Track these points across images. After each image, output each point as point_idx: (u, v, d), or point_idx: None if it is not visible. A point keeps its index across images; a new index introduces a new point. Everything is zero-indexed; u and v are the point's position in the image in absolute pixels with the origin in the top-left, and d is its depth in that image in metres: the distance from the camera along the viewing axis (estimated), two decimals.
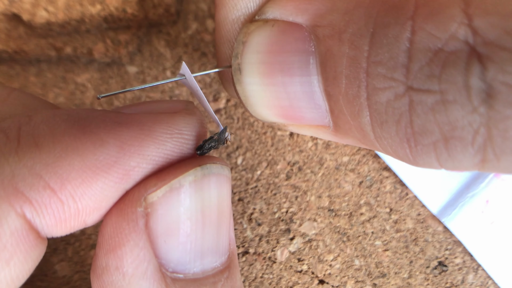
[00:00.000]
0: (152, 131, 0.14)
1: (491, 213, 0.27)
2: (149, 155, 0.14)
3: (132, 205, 0.14)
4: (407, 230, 0.27)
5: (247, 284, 0.26)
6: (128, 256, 0.13)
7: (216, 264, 0.15)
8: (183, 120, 0.15)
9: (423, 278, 0.27)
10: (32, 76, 0.27)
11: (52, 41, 0.27)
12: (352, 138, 0.15)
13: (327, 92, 0.14)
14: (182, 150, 0.15)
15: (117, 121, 0.14)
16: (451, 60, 0.11)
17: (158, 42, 0.27)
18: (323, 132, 0.16)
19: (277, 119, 0.16)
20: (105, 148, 0.13)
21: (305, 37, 0.14)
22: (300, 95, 0.15)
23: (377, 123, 0.13)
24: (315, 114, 0.15)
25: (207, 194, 0.15)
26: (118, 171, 0.13)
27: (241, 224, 0.27)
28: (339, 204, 0.27)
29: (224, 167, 0.16)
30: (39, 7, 0.26)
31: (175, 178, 0.14)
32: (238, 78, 0.16)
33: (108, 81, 0.27)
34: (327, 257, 0.27)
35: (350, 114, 0.13)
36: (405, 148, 0.13)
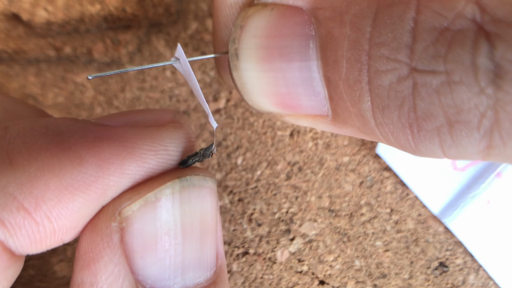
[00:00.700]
0: (135, 148, 0.13)
1: (492, 214, 0.26)
2: (129, 174, 0.13)
3: (106, 220, 0.13)
4: (407, 231, 0.27)
5: (247, 285, 0.26)
6: (102, 272, 0.13)
7: (199, 280, 0.15)
8: (170, 135, 0.15)
9: (424, 279, 0.27)
10: (31, 76, 0.27)
11: (52, 41, 0.27)
12: (351, 127, 0.14)
13: (326, 77, 0.13)
14: (165, 166, 0.15)
15: (98, 136, 0.13)
16: (458, 39, 0.10)
17: (158, 42, 0.27)
18: (321, 122, 0.15)
19: (274, 108, 0.16)
20: (84, 167, 0.13)
21: (305, 20, 0.14)
22: (298, 81, 0.14)
23: (379, 108, 0.12)
24: (313, 101, 0.14)
25: (187, 207, 0.14)
26: (96, 190, 0.13)
27: (241, 225, 0.27)
28: (340, 204, 0.27)
29: (207, 178, 0.15)
30: (39, 6, 0.26)
31: (151, 191, 0.13)
32: (235, 64, 0.15)
33: (107, 81, 0.27)
34: (327, 258, 0.27)
35: (350, 100, 0.13)
36: (407, 135, 0.12)
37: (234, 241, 0.27)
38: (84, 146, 0.13)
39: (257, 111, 0.17)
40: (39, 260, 0.26)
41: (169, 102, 0.27)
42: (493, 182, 0.26)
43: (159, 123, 0.15)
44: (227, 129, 0.27)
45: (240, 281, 0.26)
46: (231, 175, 0.27)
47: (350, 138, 0.28)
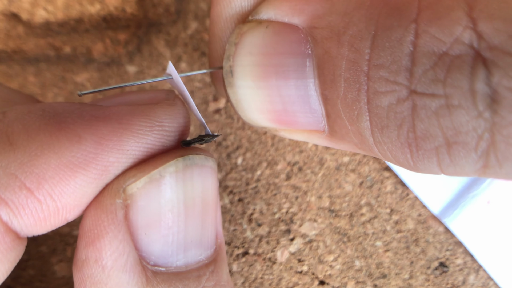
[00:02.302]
0: (131, 124, 0.14)
1: (492, 214, 0.26)
2: (128, 150, 0.14)
3: (111, 197, 0.13)
4: (408, 231, 0.27)
5: (247, 285, 0.26)
6: (107, 249, 0.13)
7: (201, 258, 0.15)
8: (164, 112, 0.15)
9: (424, 279, 0.27)
10: (31, 76, 0.27)
11: (51, 41, 0.27)
12: (348, 143, 0.14)
13: (324, 95, 0.14)
14: (164, 143, 0.15)
15: (94, 115, 0.13)
16: (457, 64, 0.11)
17: (157, 41, 0.27)
18: (317, 137, 0.15)
19: (269, 124, 0.16)
20: (83, 145, 0.13)
21: (301, 39, 0.14)
22: (295, 99, 0.14)
23: (378, 127, 0.12)
24: (310, 118, 0.15)
25: (190, 186, 0.14)
26: (96, 167, 0.13)
27: (241, 225, 0.27)
28: (340, 204, 0.27)
29: (209, 158, 0.15)
30: (38, 6, 0.26)
31: (155, 169, 0.14)
32: (229, 81, 0.15)
33: (107, 81, 0.27)
34: (327, 258, 0.27)
35: (348, 119, 0.13)
36: (406, 154, 0.12)
37: (234, 241, 0.27)
38: (82, 125, 0.13)
39: (252, 126, 0.17)
40: (38, 260, 0.26)
41: None
42: (494, 182, 0.26)
43: (153, 102, 0.15)
44: (227, 129, 0.27)
45: (240, 281, 0.26)
46: (231, 175, 0.27)
47: None
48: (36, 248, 0.26)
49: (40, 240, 0.26)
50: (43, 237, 0.26)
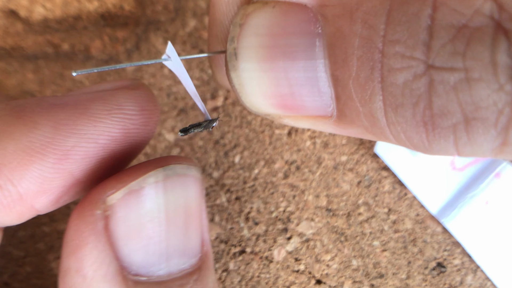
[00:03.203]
0: (88, 108, 0.14)
1: (490, 214, 0.26)
2: (86, 134, 0.14)
3: (91, 208, 0.13)
4: (405, 231, 0.27)
5: (243, 284, 0.26)
6: (87, 259, 0.13)
7: (184, 266, 0.15)
8: (124, 96, 0.15)
9: (421, 279, 0.27)
10: (29, 73, 0.27)
11: (50, 38, 0.27)
12: (357, 127, 0.14)
13: (334, 76, 0.13)
14: (126, 127, 0.14)
15: (52, 102, 0.14)
16: (477, 36, 0.10)
17: (156, 39, 0.27)
18: (323, 123, 0.15)
19: (273, 109, 0.15)
20: (39, 130, 0.13)
21: (311, 18, 0.13)
22: (302, 81, 0.14)
23: (392, 107, 0.12)
24: (317, 102, 0.14)
25: (171, 196, 0.14)
26: (54, 151, 0.13)
27: (238, 223, 0.27)
28: (337, 203, 0.27)
29: (191, 167, 0.15)
30: (37, 3, 0.26)
31: (135, 180, 0.14)
32: (233, 64, 0.15)
33: (105, 78, 0.27)
34: (324, 257, 0.27)
35: (360, 100, 0.13)
36: (421, 133, 0.12)
37: (231, 239, 0.27)
38: (39, 113, 0.13)
39: (254, 113, 0.16)
40: (36, 257, 0.26)
41: (166, 100, 0.27)
42: (492, 183, 0.26)
43: (115, 89, 0.15)
44: (224, 127, 0.27)
45: (237, 280, 0.26)
46: (228, 174, 0.27)
47: (349, 137, 0.28)
48: (33, 245, 0.26)
49: (37, 237, 0.26)
50: (41, 234, 0.26)
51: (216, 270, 0.26)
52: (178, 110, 0.27)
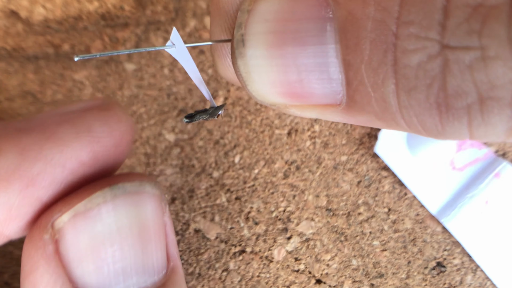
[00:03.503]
0: (55, 132, 0.13)
1: (490, 214, 0.26)
2: (52, 159, 0.13)
3: (39, 232, 0.13)
4: (405, 230, 0.27)
5: (243, 283, 0.26)
6: (39, 282, 0.13)
7: (145, 285, 0.14)
8: (92, 117, 0.14)
9: (421, 279, 0.27)
10: (30, 73, 0.27)
11: (50, 38, 0.27)
12: (367, 114, 0.13)
13: (346, 61, 0.13)
14: (96, 150, 0.14)
15: (18, 128, 0.13)
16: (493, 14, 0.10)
17: (156, 39, 0.27)
18: (331, 112, 0.14)
19: (280, 98, 0.15)
20: (3, 157, 0.13)
21: (321, 2, 0.13)
22: (312, 67, 0.13)
23: (404, 90, 0.12)
24: (327, 89, 0.14)
25: (123, 215, 0.14)
26: (20, 178, 0.13)
27: (238, 223, 0.27)
28: (337, 203, 0.27)
29: (145, 183, 0.15)
30: (37, 4, 0.26)
31: (81, 202, 0.13)
32: (240, 51, 0.14)
33: (106, 79, 0.27)
34: (324, 257, 0.27)
35: (372, 85, 0.12)
36: (434, 116, 0.12)
37: (231, 239, 0.27)
38: (4, 139, 0.13)
39: (260, 102, 0.16)
40: None
41: (167, 100, 0.27)
42: (491, 183, 0.26)
43: (86, 110, 0.15)
44: (224, 127, 0.27)
45: (237, 279, 0.26)
46: (228, 174, 0.27)
47: (348, 137, 0.28)
48: None
49: None
50: None
51: (216, 269, 0.26)
52: (178, 110, 0.27)
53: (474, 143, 0.27)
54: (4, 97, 0.27)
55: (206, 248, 0.27)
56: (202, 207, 0.27)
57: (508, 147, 0.27)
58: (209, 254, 0.26)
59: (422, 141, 0.27)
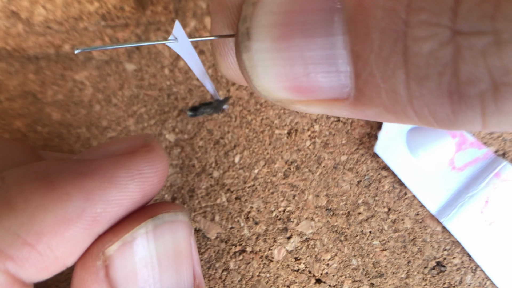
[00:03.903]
0: (114, 177, 0.16)
1: (490, 214, 0.26)
2: (112, 200, 0.16)
3: (92, 259, 0.16)
4: (405, 230, 0.27)
5: (244, 283, 0.26)
6: None
7: None
8: (142, 160, 0.17)
9: (421, 278, 0.27)
10: (31, 74, 0.27)
11: (51, 39, 0.27)
12: (376, 107, 0.13)
13: (354, 52, 0.13)
14: (144, 188, 0.17)
15: (80, 172, 0.16)
16: None
17: (156, 39, 0.27)
18: (338, 106, 0.14)
19: (286, 93, 0.14)
20: (72, 202, 0.15)
21: None
22: (320, 60, 0.13)
23: (415, 79, 0.12)
24: (334, 82, 0.13)
25: (161, 242, 0.17)
26: (86, 219, 0.15)
27: (239, 223, 0.27)
28: (337, 203, 0.27)
29: (178, 213, 0.17)
30: (37, 4, 0.26)
31: (128, 233, 0.16)
32: (245, 45, 0.14)
33: (106, 79, 0.27)
34: (324, 257, 0.27)
35: (382, 75, 0.12)
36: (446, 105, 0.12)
37: (231, 239, 0.27)
38: (71, 183, 0.15)
39: (265, 98, 0.15)
40: None
41: (167, 100, 0.27)
42: (491, 182, 0.26)
43: (133, 149, 0.17)
44: (225, 127, 0.27)
45: (237, 279, 0.26)
46: (228, 173, 0.27)
47: (348, 137, 0.28)
48: None
49: None
50: None
51: (216, 269, 0.26)
52: (178, 110, 0.27)
53: (474, 143, 0.27)
54: (4, 97, 0.27)
55: (207, 247, 0.27)
56: (202, 206, 0.27)
57: (508, 147, 0.27)
58: (209, 254, 0.27)
59: (422, 141, 0.27)
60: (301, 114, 0.28)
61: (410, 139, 0.27)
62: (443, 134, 0.27)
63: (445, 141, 0.27)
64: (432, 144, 0.27)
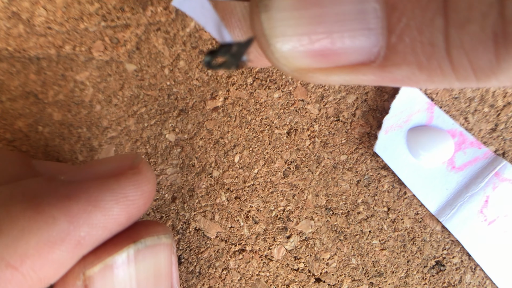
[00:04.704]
0: (99, 200, 0.16)
1: (490, 213, 0.26)
2: (97, 223, 0.16)
3: (73, 279, 0.16)
4: (404, 230, 0.27)
5: (243, 282, 0.27)
6: None
7: None
8: (129, 184, 0.17)
9: (421, 278, 0.27)
10: (32, 74, 0.27)
11: (52, 39, 0.27)
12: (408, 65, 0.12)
13: (390, 4, 0.11)
14: (129, 211, 0.17)
15: (66, 194, 0.16)
16: None
17: (156, 40, 0.27)
18: (364, 71, 0.13)
19: (307, 59, 0.13)
20: (57, 225, 0.15)
21: None
22: (349, 16, 0.12)
23: (456, 25, 0.11)
24: (363, 41, 0.12)
25: (142, 266, 0.17)
26: (70, 242, 0.15)
27: (238, 222, 0.27)
28: (337, 202, 0.27)
29: (161, 236, 0.18)
30: (38, 5, 0.26)
31: (110, 256, 0.16)
32: (265, 3, 0.12)
33: (106, 79, 0.27)
34: (323, 256, 0.27)
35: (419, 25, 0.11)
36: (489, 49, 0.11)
37: (231, 238, 0.27)
38: (56, 206, 0.15)
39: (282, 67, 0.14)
40: None
41: (167, 100, 0.27)
42: (491, 182, 0.26)
43: (120, 171, 0.17)
44: (224, 127, 0.27)
45: (237, 278, 0.27)
46: (228, 173, 0.27)
47: (348, 136, 0.28)
48: None
49: None
50: None
51: (216, 268, 0.27)
52: (178, 110, 0.27)
53: (474, 143, 0.27)
54: (6, 97, 0.27)
55: (206, 246, 0.27)
56: (202, 206, 0.27)
57: (507, 146, 0.27)
58: (209, 253, 0.27)
59: (421, 140, 0.27)
60: (300, 113, 0.28)
61: (409, 139, 0.27)
62: (443, 134, 0.27)
63: (445, 140, 0.27)
64: (432, 143, 0.27)
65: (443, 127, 0.27)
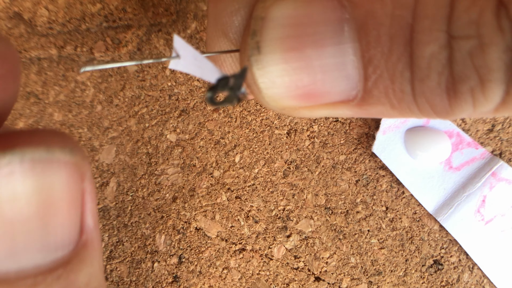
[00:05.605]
0: None
1: (487, 213, 0.27)
2: None
3: None
4: (403, 229, 0.28)
5: (244, 281, 0.27)
6: None
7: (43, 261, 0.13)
8: None
9: (419, 277, 0.27)
10: (33, 74, 0.27)
11: (53, 40, 0.27)
12: (382, 105, 0.14)
13: (365, 58, 0.14)
14: None
15: None
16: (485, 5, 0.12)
17: (157, 41, 0.28)
18: (344, 108, 0.15)
19: (294, 101, 0.15)
20: None
21: (335, 5, 0.14)
22: (330, 67, 0.14)
23: (418, 79, 0.13)
24: (343, 86, 0.14)
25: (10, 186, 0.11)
26: None
27: (239, 222, 0.27)
28: (336, 202, 0.28)
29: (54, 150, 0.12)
30: (40, 5, 0.26)
31: None
32: (256, 59, 0.14)
33: (107, 80, 0.28)
34: (323, 255, 0.27)
35: (391, 77, 0.13)
36: (444, 100, 0.13)
37: (231, 237, 0.27)
38: None
39: (271, 107, 0.16)
40: None
41: (168, 101, 0.28)
42: (488, 182, 0.27)
43: None
44: (225, 127, 0.28)
45: (237, 277, 0.27)
46: (229, 173, 0.27)
47: (347, 137, 0.28)
48: None
49: None
50: None
51: (217, 267, 0.27)
52: (179, 111, 0.28)
53: (471, 143, 0.28)
54: None
55: (207, 246, 0.27)
56: (203, 205, 0.27)
57: (504, 147, 0.28)
58: (210, 252, 0.27)
59: (419, 141, 0.27)
60: None
61: (407, 139, 0.28)
62: (440, 135, 0.27)
63: (442, 141, 0.27)
64: (429, 144, 0.27)
65: (440, 128, 0.28)
